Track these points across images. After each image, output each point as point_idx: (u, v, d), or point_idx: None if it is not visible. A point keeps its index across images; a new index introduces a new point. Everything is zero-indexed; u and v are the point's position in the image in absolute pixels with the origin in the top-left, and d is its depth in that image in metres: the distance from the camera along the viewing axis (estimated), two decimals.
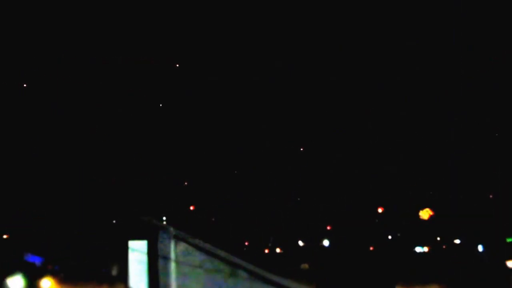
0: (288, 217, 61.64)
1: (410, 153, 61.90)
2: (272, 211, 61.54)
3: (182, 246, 16.62)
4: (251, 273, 16.34)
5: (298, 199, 62.40)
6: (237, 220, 60.88)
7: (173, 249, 16.57)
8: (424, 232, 62.55)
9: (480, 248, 57.39)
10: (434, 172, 60.54)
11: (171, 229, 16.78)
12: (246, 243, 61.03)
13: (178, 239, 16.64)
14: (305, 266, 49.38)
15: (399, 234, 62.85)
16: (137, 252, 16.59)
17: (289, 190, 61.55)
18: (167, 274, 16.42)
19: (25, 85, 57.67)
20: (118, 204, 51.59)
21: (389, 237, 61.70)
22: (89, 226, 50.68)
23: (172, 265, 16.44)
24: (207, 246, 16.88)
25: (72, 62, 58.26)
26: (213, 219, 60.19)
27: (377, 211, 62.48)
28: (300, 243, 63.05)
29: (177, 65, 61.42)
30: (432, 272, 47.46)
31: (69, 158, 55.53)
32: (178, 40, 60.97)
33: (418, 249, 59.85)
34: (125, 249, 16.81)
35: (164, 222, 24.17)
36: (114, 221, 51.43)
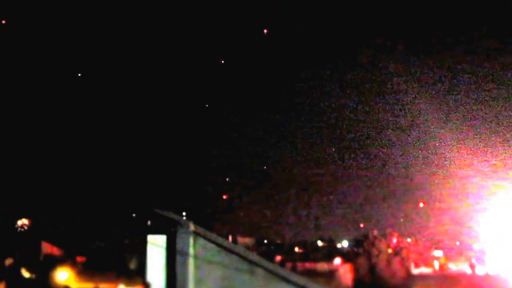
0: (309, 217, 61.71)
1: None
2: (292, 211, 61.61)
3: (201, 241, 16.64)
4: (268, 271, 16.32)
5: (318, 199, 62.44)
6: (256, 218, 61.02)
7: (192, 245, 16.59)
8: (441, 237, 62.47)
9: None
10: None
11: (191, 224, 16.80)
12: (265, 241, 61.14)
13: (197, 234, 16.66)
14: (322, 266, 49.35)
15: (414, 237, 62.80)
16: (156, 246, 16.62)
17: (309, 189, 61.59)
18: (185, 268, 16.45)
19: (79, 75, 57.94)
20: (138, 198, 51.74)
21: (409, 240, 61.62)
22: (108, 219, 50.87)
23: (190, 260, 16.46)
24: (226, 242, 16.90)
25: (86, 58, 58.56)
26: (233, 216, 60.30)
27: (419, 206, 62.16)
28: (319, 243, 63.10)
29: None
30: (452, 276, 47.42)
31: (89, 151, 55.81)
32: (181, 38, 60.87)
33: (437, 253, 59.74)
34: (144, 243, 16.86)
35: (184, 217, 24.18)
36: (133, 215, 51.61)
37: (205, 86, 60.51)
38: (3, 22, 55.21)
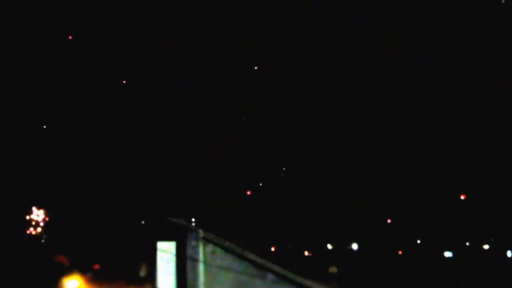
0: (317, 220, 61.53)
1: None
2: (301, 213, 61.47)
3: (211, 247, 16.61)
4: (279, 276, 16.28)
5: (327, 201, 62.25)
6: (265, 222, 60.90)
7: (202, 251, 16.56)
8: (453, 237, 62.11)
9: (509, 253, 56.92)
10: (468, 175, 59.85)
11: (200, 230, 16.78)
12: (274, 245, 61.03)
13: (206, 240, 16.62)
14: (333, 269, 49.25)
15: (429, 237, 62.47)
16: (166, 253, 16.59)
17: (317, 192, 61.40)
18: (195, 275, 16.41)
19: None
20: (146, 204, 51.74)
21: (418, 241, 61.41)
22: (117, 226, 50.91)
23: (201, 267, 16.44)
24: (236, 248, 16.86)
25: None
26: (242, 221, 60.21)
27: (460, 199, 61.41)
28: (329, 246, 62.95)
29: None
30: (461, 278, 47.19)
31: (98, 158, 55.80)
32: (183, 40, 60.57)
33: (447, 254, 59.54)
34: (154, 250, 16.83)
35: (193, 224, 24.16)
36: (142, 222, 51.63)
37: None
38: (70, 37, 55.32)
